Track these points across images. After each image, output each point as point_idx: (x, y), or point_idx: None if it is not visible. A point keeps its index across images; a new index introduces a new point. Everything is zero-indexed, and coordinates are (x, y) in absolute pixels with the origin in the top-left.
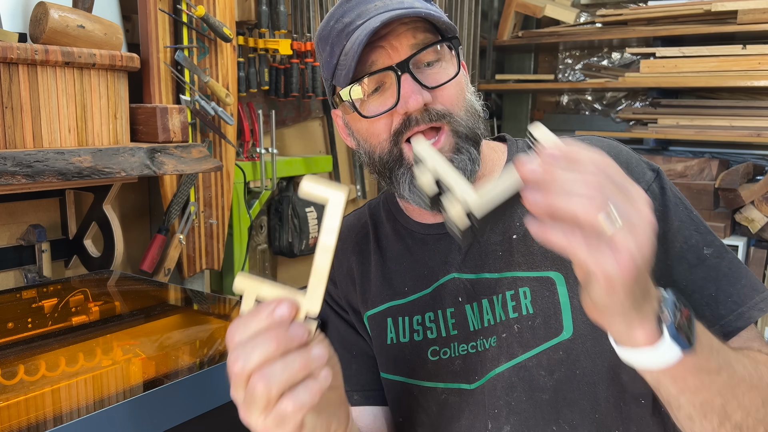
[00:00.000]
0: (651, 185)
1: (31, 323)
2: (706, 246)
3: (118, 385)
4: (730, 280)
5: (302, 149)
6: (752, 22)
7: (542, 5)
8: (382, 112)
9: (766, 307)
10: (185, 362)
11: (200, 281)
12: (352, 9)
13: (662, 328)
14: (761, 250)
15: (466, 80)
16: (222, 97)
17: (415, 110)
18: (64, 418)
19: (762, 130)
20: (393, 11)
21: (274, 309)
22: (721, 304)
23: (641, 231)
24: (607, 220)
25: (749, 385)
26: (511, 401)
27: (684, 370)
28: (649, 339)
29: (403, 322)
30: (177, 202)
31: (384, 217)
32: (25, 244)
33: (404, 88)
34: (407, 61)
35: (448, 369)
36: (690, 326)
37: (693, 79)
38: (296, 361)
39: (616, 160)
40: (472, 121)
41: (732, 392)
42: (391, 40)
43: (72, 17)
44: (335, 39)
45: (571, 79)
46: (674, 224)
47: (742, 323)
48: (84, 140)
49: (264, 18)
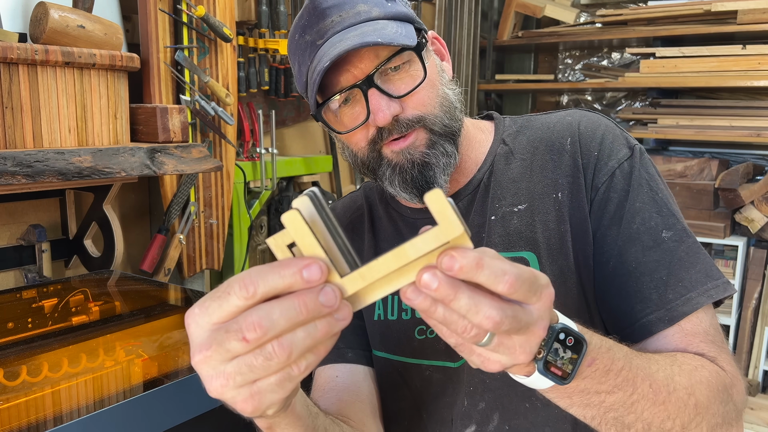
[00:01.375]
0: (622, 163)
1: (31, 323)
2: (666, 229)
3: (118, 385)
4: (684, 265)
5: (302, 149)
6: (752, 22)
7: (542, 5)
8: (354, 128)
9: (716, 294)
10: (185, 362)
11: (200, 281)
12: (311, 25)
13: (535, 365)
14: (761, 250)
15: (439, 72)
16: (222, 97)
17: (384, 125)
18: (65, 418)
19: (762, 130)
20: (347, 33)
21: (302, 269)
22: (671, 288)
23: (520, 350)
24: (486, 341)
25: (652, 402)
26: (486, 378)
27: (567, 392)
28: (522, 372)
29: (392, 300)
30: (177, 202)
31: (377, 199)
32: (25, 244)
33: (372, 103)
34: (371, 76)
35: (434, 348)
36: (573, 360)
37: (693, 79)
38: (321, 328)
39: (590, 138)
40: (447, 116)
41: (629, 408)
42: (354, 62)
43: (72, 17)
44: (301, 57)
45: (571, 79)
46: (635, 205)
47: (689, 308)
48: (84, 140)
49: (264, 18)
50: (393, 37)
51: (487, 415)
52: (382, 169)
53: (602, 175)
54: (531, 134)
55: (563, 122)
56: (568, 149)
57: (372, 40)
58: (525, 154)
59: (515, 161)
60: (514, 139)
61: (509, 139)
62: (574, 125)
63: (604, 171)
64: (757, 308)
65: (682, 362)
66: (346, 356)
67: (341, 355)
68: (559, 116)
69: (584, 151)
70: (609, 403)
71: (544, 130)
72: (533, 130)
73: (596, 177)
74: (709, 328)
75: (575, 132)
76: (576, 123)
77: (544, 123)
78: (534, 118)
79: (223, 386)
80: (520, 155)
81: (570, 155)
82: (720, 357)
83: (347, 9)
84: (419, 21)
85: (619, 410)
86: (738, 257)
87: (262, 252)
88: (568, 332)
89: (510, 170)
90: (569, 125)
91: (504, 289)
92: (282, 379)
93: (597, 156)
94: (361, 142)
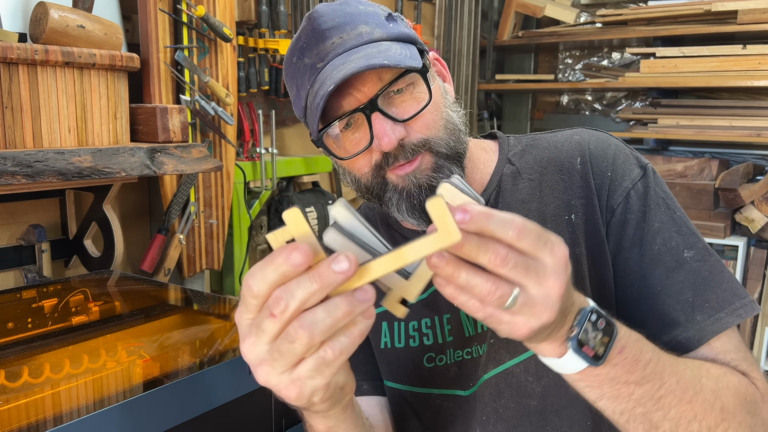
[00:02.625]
0: (636, 183)
1: (31, 323)
2: (687, 248)
3: (118, 385)
4: (709, 285)
5: (302, 149)
6: (752, 22)
7: (542, 5)
8: (358, 153)
9: (745, 313)
10: (185, 362)
11: (200, 281)
12: (310, 47)
13: (568, 344)
14: (761, 250)
15: (443, 94)
16: (222, 97)
17: (389, 150)
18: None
19: (762, 130)
20: (350, 55)
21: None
22: (698, 309)
23: (541, 306)
24: (504, 304)
25: (679, 399)
26: (499, 408)
27: (598, 380)
28: (554, 353)
29: (399, 327)
30: (177, 202)
31: (379, 221)
32: (25, 244)
33: (376, 127)
34: (375, 99)
35: (444, 375)
36: (605, 342)
37: (693, 79)
38: (340, 306)
39: (602, 157)
40: (453, 139)
41: (657, 404)
42: (357, 86)
43: (72, 17)
44: (300, 80)
45: (571, 79)
46: (653, 225)
47: (718, 328)
48: (84, 140)
49: (264, 18)
50: (399, 59)
51: None
52: (388, 195)
53: (617, 196)
54: (538, 154)
55: (571, 141)
56: (578, 169)
57: (378, 62)
58: (533, 174)
59: (523, 181)
60: (521, 159)
61: (515, 159)
62: (583, 144)
63: (618, 192)
64: None
65: (709, 367)
66: (362, 389)
67: (357, 388)
68: (566, 135)
69: (596, 172)
70: (638, 396)
71: (551, 149)
72: (540, 149)
73: (611, 198)
74: (738, 344)
75: (585, 151)
76: (585, 142)
77: (551, 142)
78: (539, 137)
79: (267, 373)
80: (528, 175)
81: (581, 175)
82: (751, 373)
83: (348, 30)
84: (421, 42)
85: (647, 405)
86: (738, 257)
87: (262, 252)
88: (600, 315)
89: (518, 191)
90: (578, 144)
91: (512, 234)
92: (317, 363)
93: (611, 177)
94: (365, 168)
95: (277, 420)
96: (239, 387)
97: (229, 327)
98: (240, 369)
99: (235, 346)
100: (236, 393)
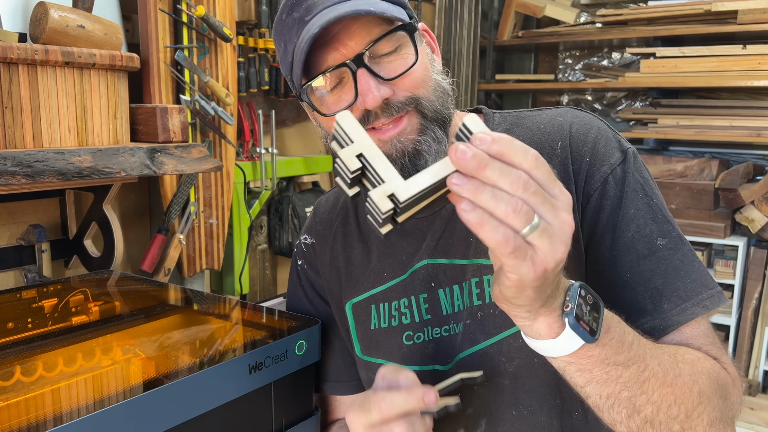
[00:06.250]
0: (615, 168)
1: (31, 323)
2: (661, 236)
3: (117, 385)
4: (679, 274)
5: (302, 149)
6: (752, 22)
7: (542, 5)
8: (340, 110)
9: (711, 304)
10: (185, 362)
11: (200, 281)
12: (300, 2)
13: (564, 320)
14: (761, 250)
15: (431, 59)
16: (222, 97)
17: (373, 107)
18: (64, 418)
19: (762, 130)
20: (337, 7)
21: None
22: (666, 299)
23: (558, 238)
24: (527, 226)
25: (661, 382)
26: (474, 385)
27: (589, 362)
28: (551, 331)
29: (384, 308)
30: (177, 202)
31: (364, 198)
32: (25, 244)
33: (361, 84)
34: (361, 55)
35: (423, 352)
36: (596, 318)
37: (693, 79)
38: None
39: (582, 142)
40: (439, 101)
41: (641, 387)
42: (344, 40)
43: (72, 17)
44: (287, 35)
45: (571, 79)
46: (629, 212)
47: (684, 318)
48: (84, 140)
49: (264, 18)
50: (386, 8)
51: (474, 421)
52: None
53: (594, 182)
54: (521, 134)
55: (554, 123)
56: (558, 153)
57: (364, 8)
58: None
59: None
60: None
61: None
62: (565, 128)
63: (596, 177)
64: (758, 308)
65: (684, 352)
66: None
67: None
68: (550, 116)
69: (575, 157)
70: (625, 379)
71: (534, 131)
72: (524, 129)
73: (588, 184)
74: (707, 330)
75: (566, 135)
76: (567, 125)
77: (535, 123)
78: (525, 116)
79: None
80: None
81: (560, 160)
82: (722, 358)
83: None
84: (411, 8)
85: (633, 388)
86: (738, 257)
87: (262, 252)
88: (587, 290)
89: None
90: (560, 127)
91: (531, 161)
92: None
93: (589, 162)
94: None
95: (277, 420)
96: (239, 387)
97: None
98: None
99: (235, 346)
100: (236, 393)
